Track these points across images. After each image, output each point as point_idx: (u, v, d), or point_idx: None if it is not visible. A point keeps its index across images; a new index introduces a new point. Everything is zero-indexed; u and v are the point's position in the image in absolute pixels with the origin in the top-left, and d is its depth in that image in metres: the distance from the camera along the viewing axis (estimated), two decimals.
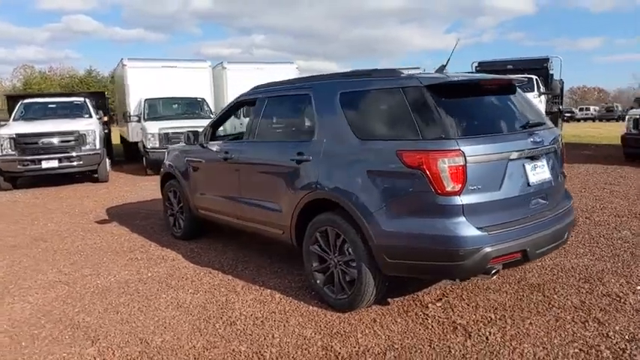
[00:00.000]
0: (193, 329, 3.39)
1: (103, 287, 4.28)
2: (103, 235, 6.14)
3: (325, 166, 3.51)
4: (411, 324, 3.30)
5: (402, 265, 3.14)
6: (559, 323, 3.23)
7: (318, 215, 3.62)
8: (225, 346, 3.12)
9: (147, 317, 3.61)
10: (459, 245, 2.88)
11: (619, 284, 3.86)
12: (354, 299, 3.39)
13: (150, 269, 4.70)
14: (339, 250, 3.49)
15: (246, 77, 14.96)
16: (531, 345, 2.95)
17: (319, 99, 3.73)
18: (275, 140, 4.27)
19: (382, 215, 3.12)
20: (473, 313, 3.42)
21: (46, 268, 4.86)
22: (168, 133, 11.61)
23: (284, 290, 3.99)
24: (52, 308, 3.86)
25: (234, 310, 3.67)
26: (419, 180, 2.95)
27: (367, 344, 3.05)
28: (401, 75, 3.30)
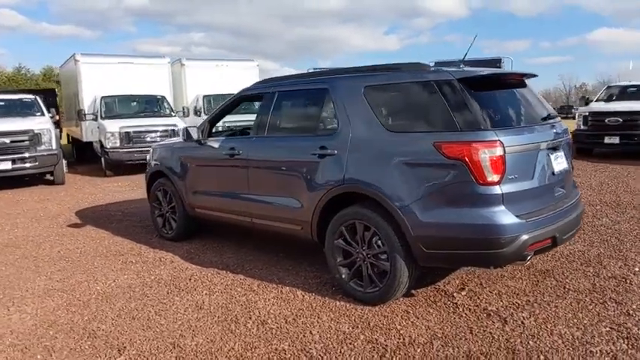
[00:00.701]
0: (224, 330, 3.26)
1: (105, 293, 4.02)
2: (82, 239, 5.76)
3: (354, 159, 3.48)
4: (444, 313, 3.36)
5: (439, 255, 3.18)
6: (581, 305, 3.41)
7: (344, 209, 3.60)
8: (266, 346, 3.03)
9: (169, 321, 3.43)
10: (500, 233, 2.97)
11: (618, 267, 4.12)
12: (387, 291, 3.40)
13: (150, 272, 4.47)
14: (367, 243, 3.48)
15: (205, 74, 14.69)
16: (565, 326, 3.09)
17: (341, 93, 3.70)
18: (290, 135, 4.19)
19: (419, 206, 3.15)
20: (499, 300, 3.53)
21: (32, 276, 4.50)
22: (129, 132, 11.10)
23: (304, 287, 3.93)
24: (56, 317, 3.58)
25: (260, 309, 3.57)
26: (459, 171, 3.01)
27: (410, 335, 3.07)
28: (430, 69, 3.35)
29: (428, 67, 3.37)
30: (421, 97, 3.32)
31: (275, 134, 4.25)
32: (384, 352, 2.88)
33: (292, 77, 4.36)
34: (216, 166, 4.71)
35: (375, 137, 3.41)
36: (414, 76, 3.36)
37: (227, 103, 4.95)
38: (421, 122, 3.30)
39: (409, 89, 3.39)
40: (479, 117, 3.04)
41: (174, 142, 5.67)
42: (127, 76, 12.87)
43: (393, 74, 3.48)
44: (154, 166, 5.60)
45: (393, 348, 2.93)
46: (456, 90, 3.14)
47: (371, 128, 3.44)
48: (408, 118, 3.39)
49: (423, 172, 3.16)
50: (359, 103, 3.56)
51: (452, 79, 3.18)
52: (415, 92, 3.35)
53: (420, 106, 3.35)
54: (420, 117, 3.33)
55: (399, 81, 3.44)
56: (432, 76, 3.26)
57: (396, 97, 3.46)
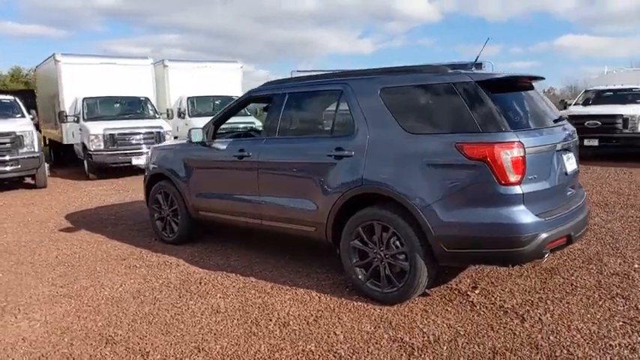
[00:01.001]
0: (247, 333, 3.24)
1: (114, 298, 3.94)
2: (78, 244, 5.62)
3: (372, 160, 3.52)
4: (462, 312, 3.43)
5: (460, 254, 3.25)
6: (591, 301, 3.53)
7: (361, 210, 3.63)
8: (293, 348, 3.03)
9: (188, 325, 3.39)
10: (521, 232, 3.05)
11: (618, 264, 4.28)
12: (406, 291, 3.44)
13: (157, 276, 4.40)
14: (386, 243, 3.52)
15: (189, 76, 14.54)
16: (581, 321, 3.20)
17: (356, 95, 3.74)
18: (303, 137, 4.19)
19: (440, 206, 3.21)
20: (512, 298, 3.62)
21: (34, 282, 4.37)
22: (114, 134, 10.88)
23: (318, 289, 3.94)
24: (68, 324, 3.49)
25: (278, 311, 3.57)
26: (480, 171, 3.08)
27: (434, 333, 3.12)
28: (448, 71, 3.42)
29: (446, 70, 3.44)
30: (440, 99, 3.38)
31: (287, 136, 4.25)
32: (412, 351, 2.92)
33: (303, 79, 4.37)
34: (224, 168, 4.68)
35: (393, 139, 3.46)
36: (432, 79, 3.43)
37: (233, 105, 4.93)
38: (441, 124, 3.37)
39: (428, 91, 3.45)
40: (499, 118, 3.13)
41: (176, 143, 5.59)
42: (109, 77, 12.61)
43: (410, 76, 3.54)
44: (154, 168, 5.51)
45: (420, 346, 2.97)
46: (475, 92, 3.22)
47: (389, 130, 3.49)
48: (428, 119, 3.45)
49: (444, 172, 3.22)
50: (376, 105, 3.60)
51: (471, 82, 3.26)
52: (434, 94, 3.42)
53: (439, 108, 3.41)
54: (439, 118, 3.40)
55: (417, 83, 3.50)
56: (450, 78, 3.34)
57: (414, 99, 3.52)
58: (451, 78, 3.34)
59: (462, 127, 3.21)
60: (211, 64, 15.17)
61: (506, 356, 2.81)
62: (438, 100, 3.40)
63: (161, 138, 11.41)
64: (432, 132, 3.35)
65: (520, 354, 2.83)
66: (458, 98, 3.26)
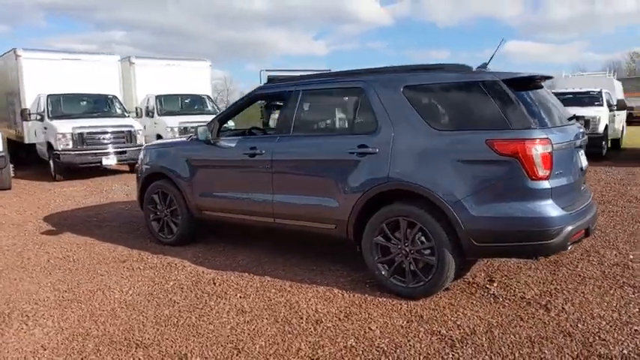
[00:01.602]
0: (282, 332, 3.20)
1: (127, 301, 3.78)
2: (67, 246, 5.34)
3: (398, 157, 3.56)
4: (486, 304, 3.53)
5: (489, 248, 3.35)
6: (603, 290, 3.72)
7: (386, 207, 3.66)
8: (333, 344, 3.02)
9: (217, 326, 3.30)
10: (549, 225, 3.19)
11: (614, 255, 4.54)
12: (434, 285, 3.51)
13: (166, 278, 4.26)
14: (411, 239, 3.57)
15: (157, 74, 14.13)
16: (601, 310, 3.37)
17: (378, 92, 3.77)
18: (322, 134, 4.18)
19: (470, 201, 3.29)
20: (530, 289, 3.76)
21: (33, 288, 4.12)
22: (83, 133, 10.40)
23: (338, 286, 3.93)
24: (86, 329, 3.31)
25: (305, 309, 3.54)
26: (511, 167, 3.19)
27: (468, 325, 3.20)
28: (473, 70, 3.52)
29: (470, 69, 3.54)
30: (468, 97, 3.47)
31: (303, 133, 4.22)
32: (453, 343, 2.98)
33: (318, 76, 4.35)
34: (233, 167, 4.58)
35: (420, 135, 3.51)
36: (459, 77, 3.51)
37: (239, 102, 4.83)
38: (470, 121, 3.46)
39: (454, 89, 3.54)
40: (527, 116, 3.25)
41: (173, 141, 5.43)
42: (74, 73, 12.05)
43: (436, 74, 3.61)
44: (150, 167, 5.32)
45: (459, 338, 3.04)
46: (502, 90, 3.33)
47: (415, 127, 3.54)
48: (455, 117, 3.53)
49: (474, 168, 3.31)
50: (400, 102, 3.65)
51: (497, 80, 3.37)
52: (461, 92, 3.51)
53: (467, 106, 3.50)
54: (468, 116, 3.48)
55: (443, 81, 3.57)
56: (477, 77, 3.43)
57: (440, 97, 3.59)
58: (478, 77, 3.44)
59: (491, 124, 3.31)
60: (180, 62, 14.80)
61: (544, 344, 2.93)
62: (465, 98, 3.49)
63: (132, 137, 11.04)
64: (460, 129, 3.43)
65: (556, 342, 2.95)
66: (485, 96, 3.35)
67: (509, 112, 3.28)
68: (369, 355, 2.88)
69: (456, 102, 3.55)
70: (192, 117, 13.06)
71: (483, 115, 3.38)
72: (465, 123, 3.47)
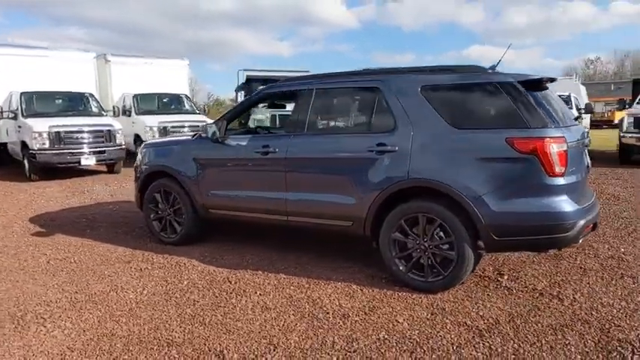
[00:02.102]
0: (312, 327, 3.24)
1: (145, 301, 3.72)
2: (64, 248, 5.19)
3: (419, 155, 3.66)
4: (502, 296, 3.67)
5: (508, 242, 3.49)
6: (605, 281, 3.94)
7: (405, 203, 3.76)
8: (366, 337, 3.08)
9: (245, 323, 3.31)
10: (565, 219, 3.36)
11: (607, 249, 4.80)
12: (453, 279, 3.63)
13: (179, 278, 4.21)
14: (430, 234, 3.68)
15: (134, 72, 13.87)
16: (609, 298, 3.58)
17: (395, 92, 3.86)
18: (338, 133, 4.23)
19: (491, 197, 3.43)
20: (539, 281, 3.94)
21: (40, 290, 3.99)
22: (60, 132, 10.07)
23: (355, 282, 3.99)
24: (110, 330, 3.26)
25: (329, 304, 3.59)
26: (530, 164, 3.35)
27: (490, 316, 3.33)
28: (489, 71, 3.67)
29: (485, 70, 3.69)
30: (486, 97, 3.62)
31: (318, 132, 4.26)
32: (480, 333, 3.10)
33: (330, 75, 4.39)
34: (244, 165, 4.58)
35: (440, 134, 3.63)
36: (476, 78, 3.65)
37: (247, 101, 4.83)
38: (488, 120, 3.60)
39: (473, 89, 3.67)
40: (544, 115, 3.42)
41: (176, 139, 5.36)
42: (46, 70, 11.67)
43: (454, 75, 3.74)
44: (151, 165, 5.24)
45: (485, 328, 3.16)
46: (519, 91, 3.48)
47: (435, 125, 3.65)
48: (474, 116, 3.66)
49: (493, 166, 3.45)
50: (418, 102, 3.75)
51: (513, 81, 3.52)
52: (479, 92, 3.64)
53: (485, 106, 3.64)
54: (486, 115, 3.63)
55: (462, 82, 3.70)
56: (495, 78, 3.58)
57: (458, 97, 3.72)
58: (495, 78, 3.58)
59: (510, 123, 3.46)
60: (157, 60, 14.56)
61: (566, 331, 3.09)
62: (484, 98, 3.63)
63: (111, 137, 10.78)
64: (480, 128, 3.56)
65: (576, 329, 3.12)
66: (504, 96, 3.50)
67: (527, 111, 3.43)
68: (403, 347, 2.96)
69: (475, 102, 3.69)
70: (172, 116, 12.88)
71: (501, 115, 3.53)
72: (484, 122, 3.61)
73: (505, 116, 3.50)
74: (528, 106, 3.45)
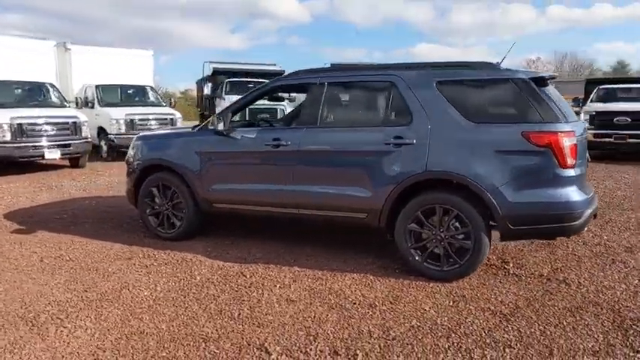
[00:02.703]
0: (344, 317, 3.28)
1: (162, 298, 3.63)
2: (53, 245, 4.94)
3: (436, 148, 3.77)
4: (513, 282, 3.86)
5: (523, 230, 3.68)
6: (600, 266, 4.22)
7: (422, 195, 3.86)
8: (399, 325, 3.16)
9: (276, 316, 3.30)
10: (575, 208, 3.58)
11: (592, 237, 5.12)
12: (469, 267, 3.78)
13: (189, 274, 4.12)
14: (446, 225, 3.80)
15: (95, 62, 13.30)
16: (609, 282, 3.85)
17: (410, 86, 3.94)
18: (352, 126, 4.26)
19: (507, 188, 3.59)
20: (542, 268, 4.16)
21: (44, 289, 3.80)
22: (22, 124, 9.49)
23: (371, 272, 4.06)
24: (136, 328, 3.16)
25: (351, 294, 3.64)
26: (544, 156, 3.54)
27: (510, 301, 3.50)
28: (502, 68, 3.82)
29: (498, 67, 3.84)
30: (501, 93, 3.78)
31: (332, 125, 4.28)
32: (506, 317, 3.25)
33: (343, 69, 4.42)
34: (253, 158, 4.53)
35: (458, 128, 3.75)
36: (490, 74, 3.80)
37: (255, 93, 4.77)
38: (504, 114, 3.76)
39: (488, 85, 3.82)
40: (556, 110, 3.62)
41: (177, 131, 5.23)
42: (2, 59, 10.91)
43: (468, 71, 3.87)
44: (148, 159, 5.06)
45: (509, 312, 3.32)
46: (532, 87, 3.66)
47: (452, 119, 3.77)
48: (490, 110, 3.81)
49: (510, 158, 3.61)
50: (433, 96, 3.86)
51: (525, 78, 3.70)
52: (494, 88, 3.80)
53: (500, 101, 3.80)
54: (502, 110, 3.79)
55: (476, 77, 3.83)
56: (508, 74, 3.74)
57: (474, 92, 3.85)
58: (509, 74, 3.75)
59: (525, 117, 3.64)
60: (120, 50, 14.00)
61: (582, 313, 3.30)
62: (498, 93, 3.79)
63: (77, 130, 10.28)
64: (496, 122, 3.72)
65: (591, 310, 3.34)
66: (517, 92, 3.68)
67: (540, 106, 3.62)
68: (438, 333, 3.06)
69: (489, 97, 3.84)
70: (139, 109, 12.46)
71: (516, 109, 3.70)
72: (499, 116, 3.77)
73: (519, 111, 3.68)
74: (540, 102, 3.63)
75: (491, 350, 2.84)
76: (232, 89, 15.05)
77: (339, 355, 2.81)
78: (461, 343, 2.93)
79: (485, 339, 2.98)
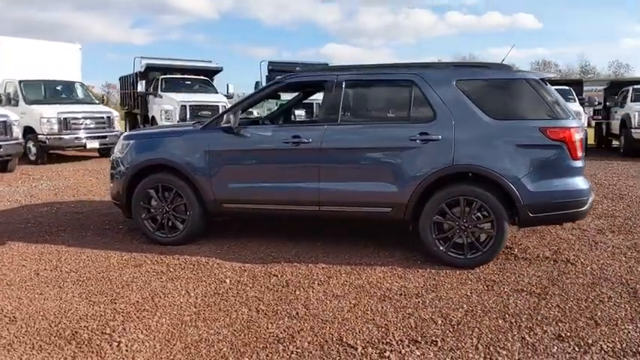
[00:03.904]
0: (398, 308, 3.38)
1: (204, 304, 3.48)
2: (37, 257, 4.48)
3: (462, 143, 4.00)
4: (526, 265, 4.20)
5: (541, 217, 4.03)
6: (588, 248, 4.73)
7: (447, 188, 4.07)
8: (455, 311, 3.33)
9: (334, 312, 3.32)
10: (584, 195, 4.02)
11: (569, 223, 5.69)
12: (492, 254, 4.07)
13: (216, 278, 3.97)
14: (470, 215, 4.06)
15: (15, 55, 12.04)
16: (605, 260, 4.34)
17: (431, 85, 4.14)
18: (375, 123, 4.35)
19: (527, 179, 3.92)
20: (543, 251, 4.56)
21: (64, 305, 3.46)
22: None
23: (395, 264, 4.20)
24: (197, 336, 3.01)
25: (390, 286, 3.75)
26: (559, 150, 3.92)
27: (535, 281, 3.83)
28: (515, 69, 4.16)
29: (511, 68, 4.17)
30: (517, 91, 4.11)
31: (353, 122, 4.34)
32: (541, 296, 3.56)
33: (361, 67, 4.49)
34: (270, 156, 4.45)
35: (481, 124, 4.01)
36: (506, 74, 4.12)
37: (265, 90, 4.67)
38: (521, 111, 4.09)
39: (504, 84, 4.14)
40: (563, 107, 4.02)
41: (177, 129, 4.97)
42: None
43: (486, 71, 4.17)
44: (144, 159, 4.75)
45: (539, 292, 3.63)
46: (543, 86, 4.03)
47: (474, 116, 4.03)
48: (508, 107, 4.12)
49: (529, 152, 3.94)
50: (454, 94, 4.09)
51: (536, 78, 4.06)
52: (510, 87, 4.13)
53: (516, 98, 4.13)
54: (518, 107, 4.11)
55: (493, 77, 4.13)
56: (522, 74, 4.09)
57: (492, 90, 4.14)
58: (522, 74, 4.09)
59: (539, 114, 4.00)
60: (44, 42, 12.81)
61: (600, 287, 3.71)
62: (514, 91, 4.12)
63: (7, 130, 9.30)
64: (515, 118, 4.04)
65: (605, 285, 3.76)
66: (532, 91, 4.03)
67: (552, 104, 4.00)
68: (492, 315, 3.28)
69: (506, 95, 4.16)
70: (72, 106, 11.52)
71: (533, 107, 4.05)
72: (517, 113, 4.10)
73: (534, 108, 4.04)
74: (552, 100, 4.02)
75: (548, 326, 3.11)
76: (169, 86, 14.40)
77: (419, 343, 2.91)
78: (518, 322, 3.17)
79: (536, 317, 3.24)
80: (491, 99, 4.14)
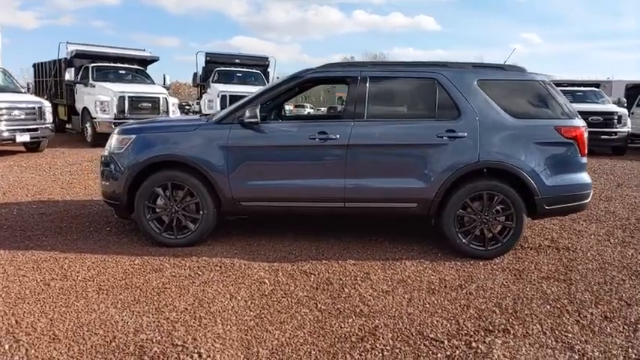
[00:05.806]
0: (449, 300, 3.50)
1: (258, 307, 3.35)
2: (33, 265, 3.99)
3: (487, 140, 4.21)
4: (535, 253, 4.54)
5: (554, 209, 4.37)
6: (576, 236, 5.20)
7: (471, 183, 4.27)
8: (504, 299, 3.52)
9: (396, 307, 3.37)
10: (589, 188, 4.44)
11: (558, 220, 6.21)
12: (510, 245, 4.35)
13: (251, 279, 3.81)
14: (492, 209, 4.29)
15: None
16: (599, 247, 4.81)
17: (454, 84, 4.30)
18: (402, 120, 4.41)
19: (544, 174, 4.24)
20: (542, 240, 4.95)
21: (104, 316, 3.13)
22: None
23: (420, 258, 4.33)
24: (276, 341, 2.90)
25: (429, 279, 3.87)
26: (570, 147, 4.28)
27: (554, 269, 4.15)
28: (527, 71, 4.46)
29: (524, 69, 4.46)
30: (532, 92, 4.42)
31: (379, 119, 4.36)
32: (567, 281, 3.88)
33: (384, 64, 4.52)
34: (295, 152, 4.35)
35: (503, 122, 4.25)
36: (523, 76, 4.41)
37: (285, 85, 4.52)
38: (537, 111, 4.39)
39: (521, 85, 4.42)
40: (571, 108, 4.39)
41: (183, 123, 4.61)
42: None
43: (504, 72, 4.43)
44: (151, 155, 4.39)
45: (564, 278, 3.96)
46: (553, 87, 4.38)
47: (497, 115, 4.26)
48: (525, 107, 4.39)
49: (545, 149, 4.26)
50: (477, 94, 4.29)
51: (547, 80, 4.39)
52: (526, 88, 4.42)
53: (532, 98, 4.42)
54: (534, 107, 4.41)
55: (510, 78, 4.41)
56: (536, 76, 4.41)
57: (511, 90, 4.39)
58: (536, 76, 4.40)
59: (552, 113, 4.33)
60: None
61: (610, 269, 4.14)
62: (530, 92, 4.42)
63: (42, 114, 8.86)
64: (533, 117, 4.34)
65: (612, 267, 4.19)
66: (545, 91, 4.35)
67: (563, 104, 4.36)
68: (537, 302, 3.51)
69: (523, 95, 4.44)
70: None
71: (547, 107, 4.38)
72: (534, 112, 4.40)
73: (548, 108, 4.36)
74: (563, 100, 4.38)
75: (590, 308, 3.41)
76: (100, 75, 13.34)
77: (493, 332, 3.05)
78: (563, 307, 3.43)
79: (575, 301, 3.54)
80: (511, 99, 4.40)
